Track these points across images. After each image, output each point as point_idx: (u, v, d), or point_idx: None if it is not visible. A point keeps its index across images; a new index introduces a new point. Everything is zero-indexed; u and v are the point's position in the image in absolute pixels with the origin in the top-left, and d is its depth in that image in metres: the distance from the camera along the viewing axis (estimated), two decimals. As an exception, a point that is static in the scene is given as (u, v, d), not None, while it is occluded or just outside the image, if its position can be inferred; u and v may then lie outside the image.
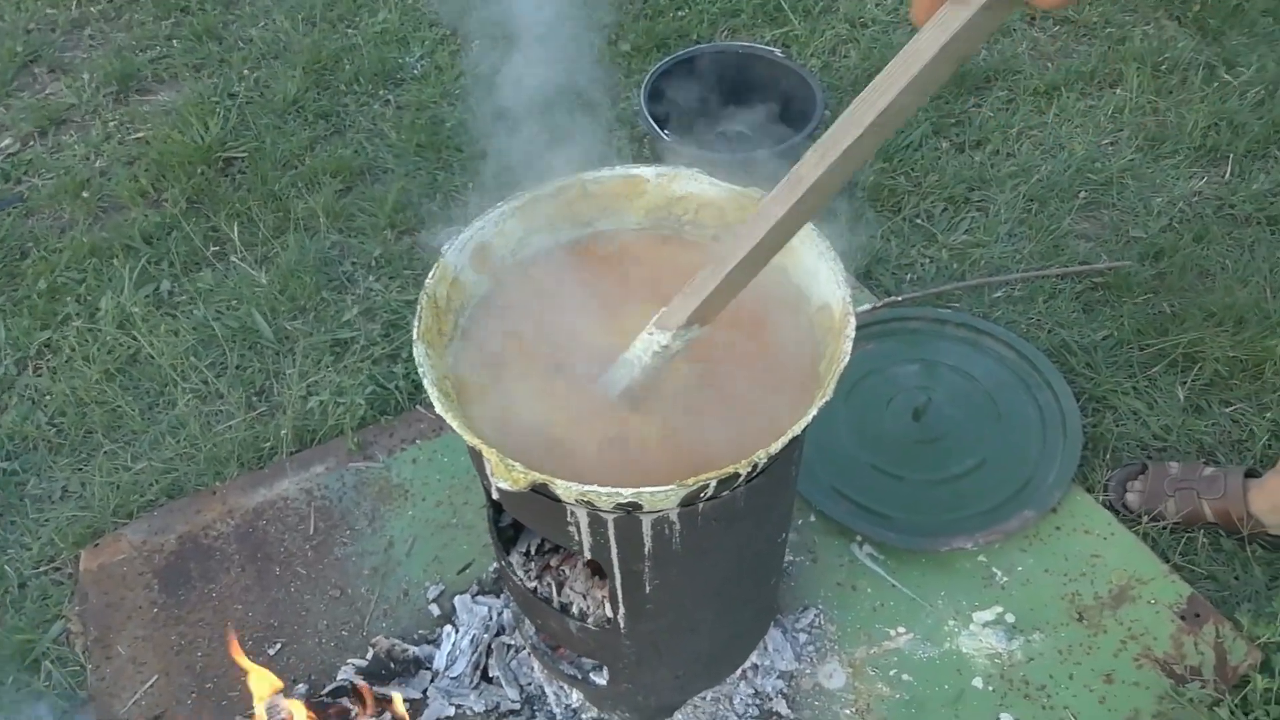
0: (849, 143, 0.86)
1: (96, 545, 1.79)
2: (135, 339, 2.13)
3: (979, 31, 0.78)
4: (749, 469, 1.03)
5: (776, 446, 1.03)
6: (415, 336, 1.15)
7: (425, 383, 1.10)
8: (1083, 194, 2.36)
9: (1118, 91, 2.60)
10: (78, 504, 1.87)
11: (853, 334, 1.12)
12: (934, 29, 0.78)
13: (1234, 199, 2.31)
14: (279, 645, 1.66)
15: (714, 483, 1.03)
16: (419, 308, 1.18)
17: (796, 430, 1.04)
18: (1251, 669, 1.57)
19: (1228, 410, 1.94)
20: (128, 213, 2.46)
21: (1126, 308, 2.11)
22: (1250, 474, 1.74)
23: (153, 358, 2.09)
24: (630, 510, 1.08)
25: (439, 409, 1.07)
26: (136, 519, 1.83)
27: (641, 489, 1.01)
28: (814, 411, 1.05)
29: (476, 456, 1.17)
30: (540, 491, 1.07)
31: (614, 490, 1.01)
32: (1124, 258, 2.21)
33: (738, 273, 1.00)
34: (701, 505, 1.10)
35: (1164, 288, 2.15)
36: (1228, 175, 2.38)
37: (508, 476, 1.02)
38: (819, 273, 1.22)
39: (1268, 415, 1.91)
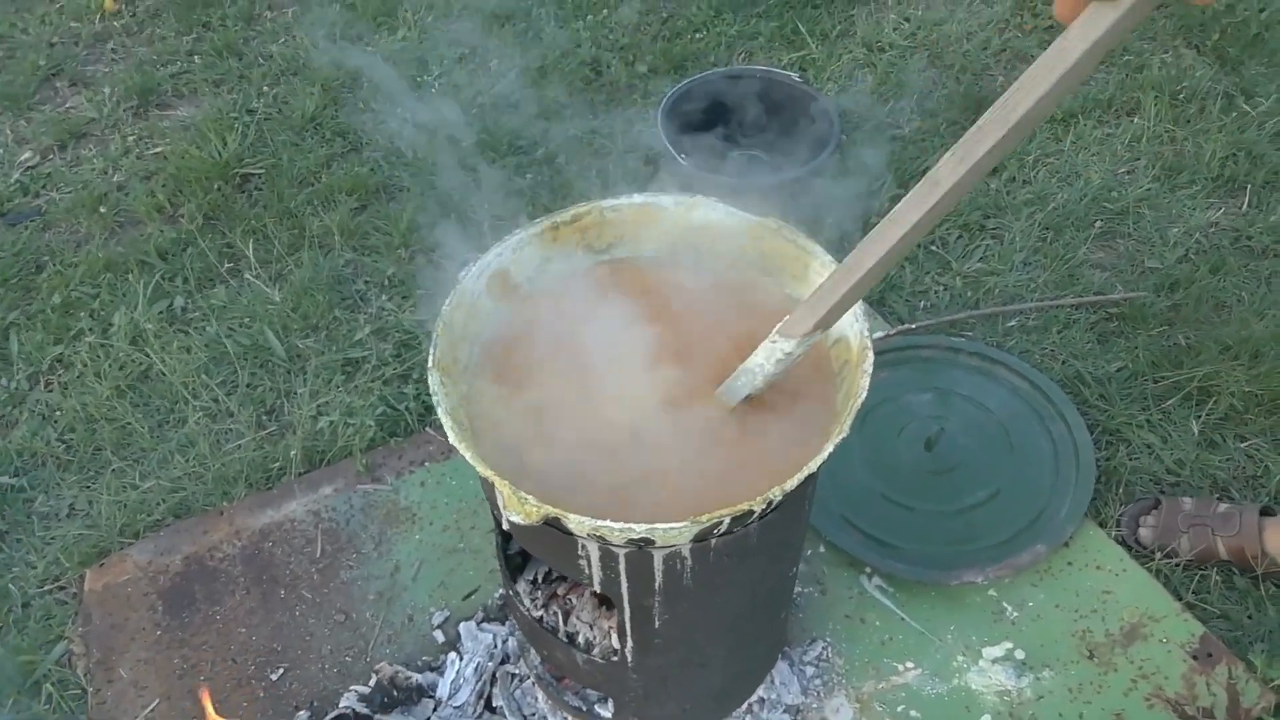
0: (991, 143, 0.85)
1: (102, 565, 1.79)
2: (147, 355, 2.13)
3: (1125, 29, 0.78)
4: (763, 505, 1.02)
5: (792, 483, 1.02)
6: (430, 364, 1.14)
7: (439, 412, 1.09)
8: (1099, 223, 2.34)
9: (1135, 120, 2.59)
10: (84, 522, 1.87)
11: (870, 369, 1.11)
12: (1082, 27, 0.78)
13: (1251, 230, 2.30)
14: (281, 670, 1.65)
15: (728, 519, 1.02)
16: (435, 334, 1.17)
17: (812, 467, 1.03)
18: (1265, 712, 1.55)
19: (1243, 445, 1.92)
20: (144, 228, 2.47)
21: (1141, 339, 2.09)
22: (1265, 511, 1.72)
23: (164, 375, 2.09)
24: (642, 545, 1.07)
25: (452, 439, 1.07)
26: (143, 539, 1.83)
27: (655, 525, 1.00)
28: (830, 448, 1.05)
29: (488, 486, 1.16)
30: (552, 525, 1.06)
31: (627, 526, 1.00)
32: (1139, 288, 2.19)
33: (866, 279, 0.99)
34: (714, 541, 1.09)
35: (1179, 320, 2.13)
36: (1245, 206, 2.37)
37: (520, 509, 1.01)
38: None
39: (1284, 451, 1.89)
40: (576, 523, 1.02)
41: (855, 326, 1.18)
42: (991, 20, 2.95)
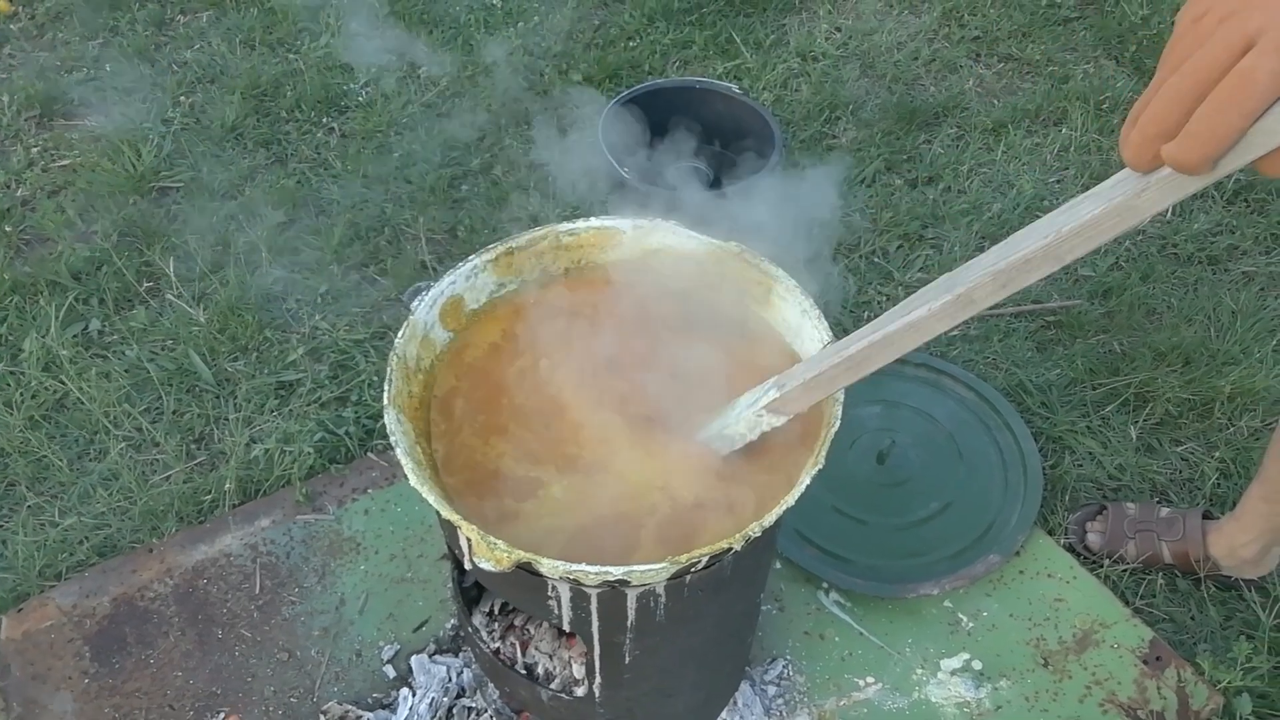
0: (1038, 276, 0.83)
1: (20, 610, 1.67)
2: (62, 382, 2.00)
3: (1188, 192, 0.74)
4: (742, 543, 1.00)
5: (770, 519, 1.00)
6: (386, 401, 1.08)
7: (398, 452, 1.04)
8: (1032, 232, 2.39)
9: (1063, 130, 2.65)
10: (-1, 564, 1.75)
11: (842, 397, 1.09)
12: (1162, 190, 0.73)
13: (1177, 239, 2.37)
14: (222, 715, 1.57)
15: (706, 557, 0.99)
16: (389, 370, 1.11)
17: (790, 501, 1.01)
18: (1214, 714, 1.59)
19: (1178, 449, 1.97)
20: (53, 246, 2.32)
21: (1079, 346, 2.14)
22: (1206, 516, 1.77)
23: (82, 403, 1.97)
24: (616, 586, 1.03)
25: (414, 481, 1.01)
26: (65, 580, 1.71)
27: (632, 567, 0.96)
28: (807, 481, 1.03)
29: (450, 528, 1.11)
30: (523, 568, 1.01)
31: (603, 569, 0.96)
32: (1074, 297, 2.24)
33: (870, 372, 0.98)
34: (689, 577, 1.06)
35: (1114, 326, 2.18)
36: (1169, 215, 2.44)
37: (490, 556, 0.96)
38: (802, 330, 1.20)
39: (1216, 454, 1.95)
40: (549, 567, 0.97)
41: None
42: (920, 30, 2.99)
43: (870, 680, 1.65)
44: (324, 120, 2.67)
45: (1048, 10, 3.03)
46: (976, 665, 1.66)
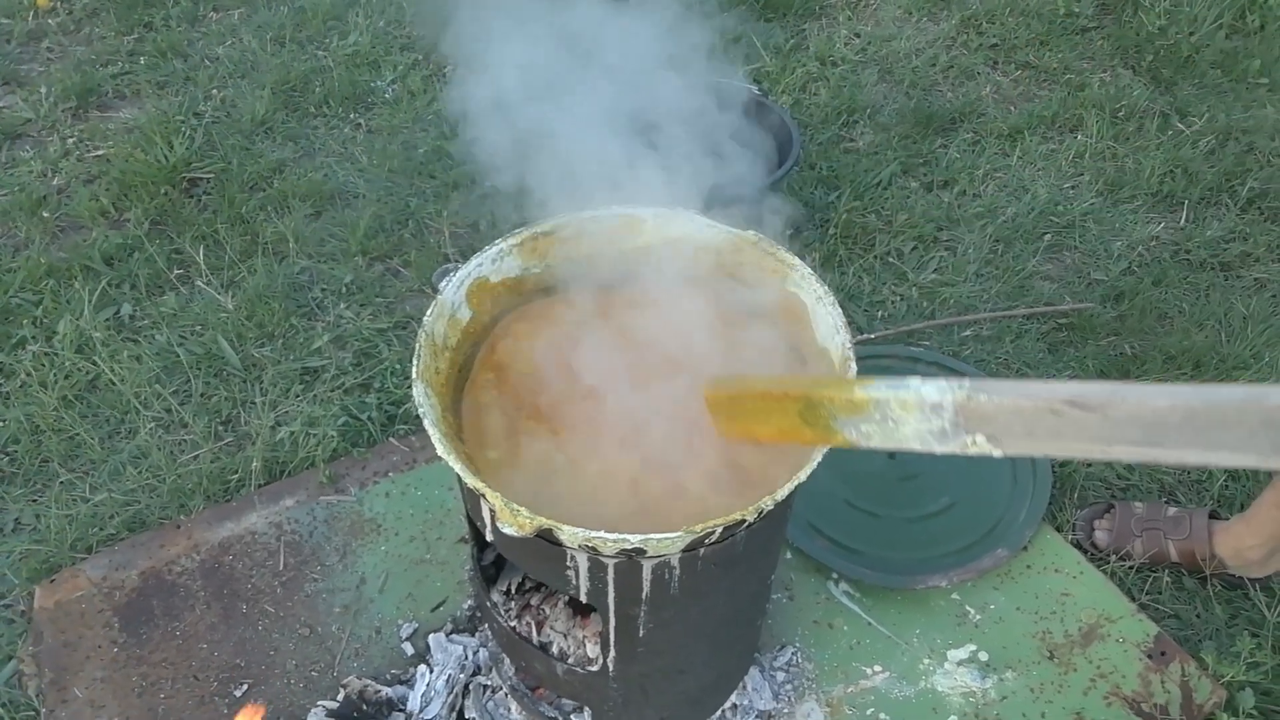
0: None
1: (52, 581, 1.72)
2: (95, 364, 2.06)
3: None
4: (755, 515, 1.03)
5: (782, 493, 1.03)
6: (415, 375, 1.13)
7: (426, 423, 1.08)
8: (1047, 236, 2.42)
9: (1078, 136, 2.68)
10: (32, 537, 1.80)
11: (853, 379, 1.13)
12: None
13: (1190, 245, 2.39)
14: (245, 686, 1.61)
15: (720, 528, 1.03)
16: (417, 346, 1.16)
17: (802, 477, 1.05)
18: (1217, 707, 1.61)
19: (1188, 451, 1.99)
20: (87, 233, 2.39)
21: (1090, 348, 2.16)
22: (1213, 516, 1.79)
23: (113, 384, 2.03)
24: (633, 555, 1.07)
25: (440, 451, 1.05)
26: (96, 553, 1.76)
27: (649, 535, 1.00)
28: (819, 458, 1.06)
29: (473, 498, 1.15)
30: (543, 536, 1.05)
31: (621, 536, 1.00)
32: (1086, 299, 2.27)
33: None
34: (703, 550, 1.09)
35: (1125, 329, 2.21)
36: (1183, 221, 2.47)
37: (513, 521, 1.00)
38: (817, 315, 1.23)
39: (1225, 456, 1.97)
40: (569, 534, 1.01)
41: (837, 339, 1.20)
42: (939, 37, 3.03)
43: (878, 669, 1.68)
44: (351, 116, 2.73)
45: (1065, 20, 3.06)
46: (983, 656, 1.69)
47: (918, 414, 0.90)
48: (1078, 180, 2.58)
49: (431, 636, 1.67)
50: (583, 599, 1.16)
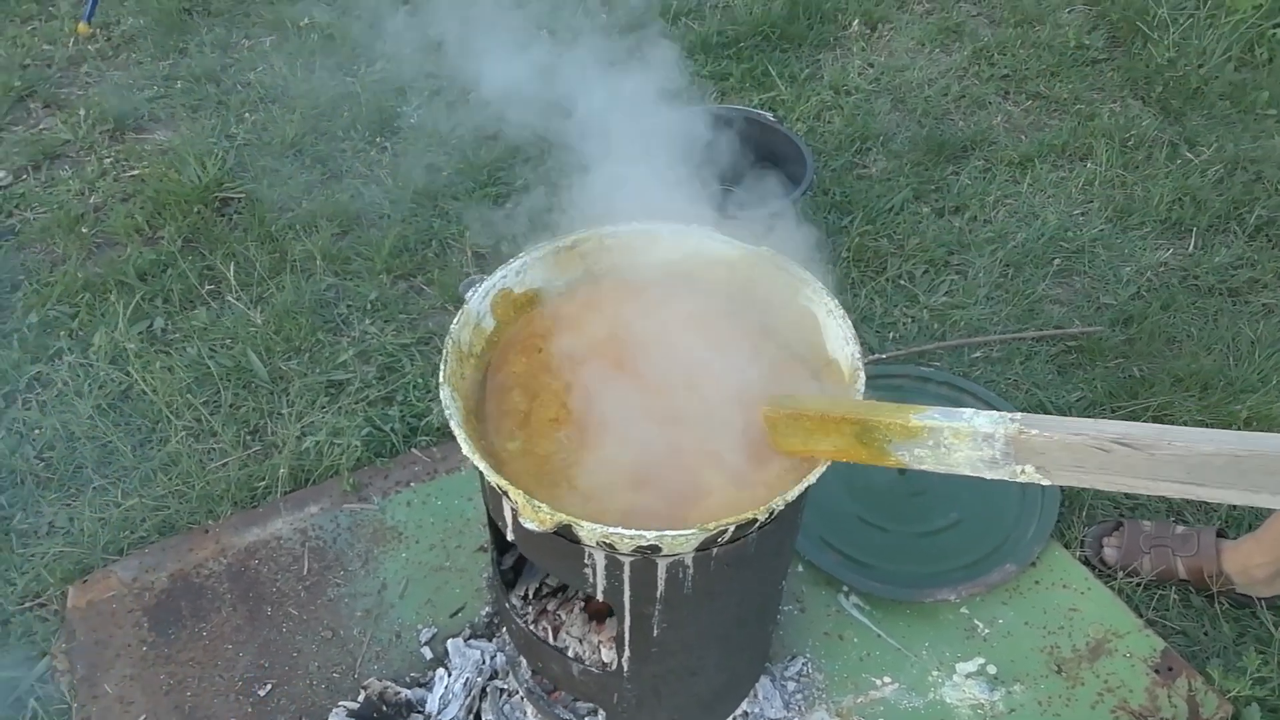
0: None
1: (85, 581, 1.78)
2: (128, 374, 2.13)
3: None
4: (766, 515, 1.08)
5: (793, 494, 1.08)
6: (442, 379, 1.18)
7: (452, 424, 1.13)
8: (1056, 261, 2.46)
9: (1088, 165, 2.73)
10: (66, 539, 1.85)
11: (862, 389, 1.18)
12: None
13: (1198, 271, 2.43)
14: (269, 686, 1.66)
15: (732, 527, 1.08)
16: (445, 351, 1.21)
17: (811, 479, 1.09)
18: (1223, 722, 1.63)
19: (1196, 472, 2.02)
20: (122, 249, 2.47)
21: (1099, 371, 2.20)
22: (1220, 534, 1.82)
23: (146, 394, 2.09)
24: (648, 553, 1.11)
25: (465, 450, 1.11)
26: (127, 556, 1.82)
27: (664, 532, 1.05)
28: (826, 463, 1.11)
29: (495, 497, 1.20)
30: (561, 533, 1.10)
31: (637, 533, 1.04)
32: (1096, 323, 2.31)
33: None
34: (716, 550, 1.14)
35: (1134, 353, 2.24)
36: (1191, 248, 2.51)
37: (534, 517, 1.05)
38: (828, 328, 1.28)
39: (1233, 477, 1.99)
40: (588, 530, 1.06)
41: (846, 350, 1.25)
42: (951, 68, 3.09)
43: (887, 680, 1.70)
44: (378, 140, 2.81)
45: (1076, 51, 3.12)
46: (991, 669, 1.71)
47: (970, 442, 0.97)
48: (1087, 207, 2.63)
49: (450, 641, 1.71)
50: (599, 597, 1.21)
